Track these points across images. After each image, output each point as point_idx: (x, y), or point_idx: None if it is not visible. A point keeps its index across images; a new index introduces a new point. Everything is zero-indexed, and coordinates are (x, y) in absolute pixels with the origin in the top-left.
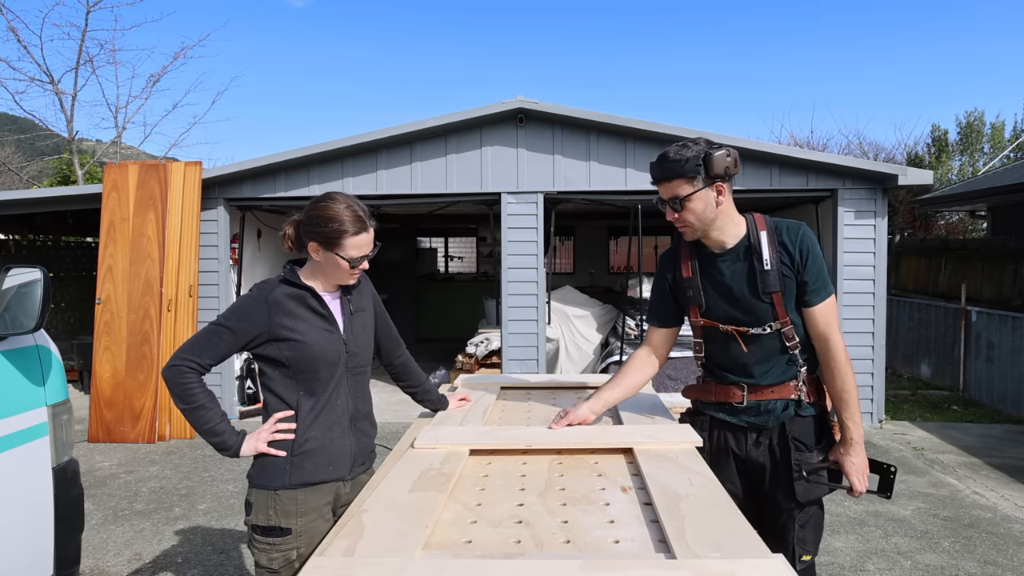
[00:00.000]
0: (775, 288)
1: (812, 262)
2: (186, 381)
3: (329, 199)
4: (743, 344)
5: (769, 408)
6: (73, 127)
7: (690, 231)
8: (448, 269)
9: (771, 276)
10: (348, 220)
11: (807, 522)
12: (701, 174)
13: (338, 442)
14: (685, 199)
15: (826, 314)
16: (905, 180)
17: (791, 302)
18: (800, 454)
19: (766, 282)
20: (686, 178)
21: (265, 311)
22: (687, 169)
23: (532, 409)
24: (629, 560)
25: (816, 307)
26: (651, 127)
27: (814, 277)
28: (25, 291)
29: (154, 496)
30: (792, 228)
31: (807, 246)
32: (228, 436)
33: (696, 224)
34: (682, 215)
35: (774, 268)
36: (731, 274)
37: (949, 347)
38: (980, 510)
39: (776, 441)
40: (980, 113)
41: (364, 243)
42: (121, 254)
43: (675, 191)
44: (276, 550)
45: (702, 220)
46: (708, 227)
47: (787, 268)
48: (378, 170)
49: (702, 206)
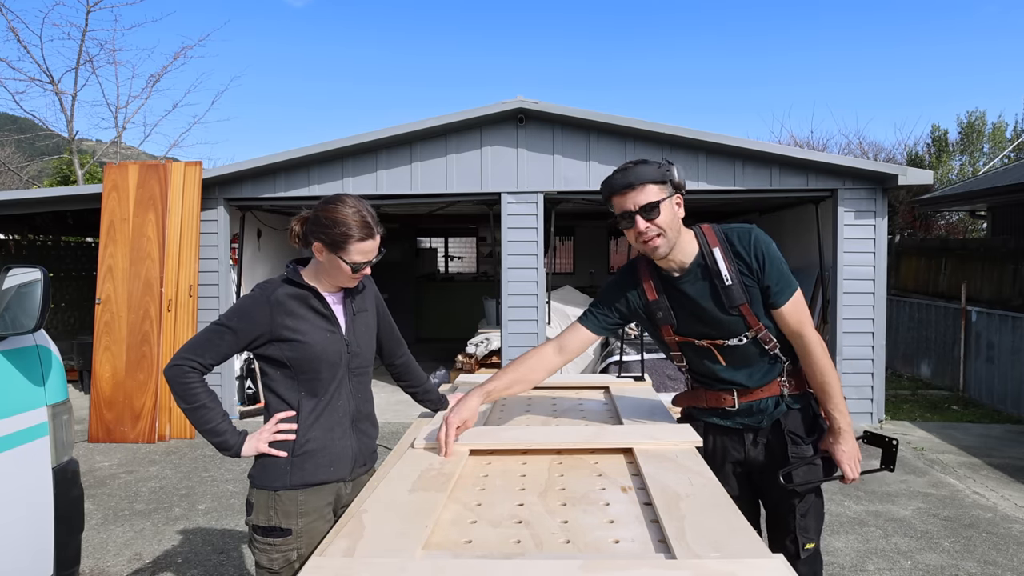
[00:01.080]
0: (741, 301)
1: (770, 265)
2: (188, 381)
3: (339, 201)
4: (721, 357)
5: (761, 407)
6: (73, 127)
7: (663, 243)
8: (448, 269)
9: (734, 290)
10: (355, 225)
11: (808, 511)
12: (668, 180)
13: (339, 443)
14: (659, 203)
15: (795, 312)
16: (905, 180)
17: (760, 308)
18: (796, 447)
19: (730, 297)
20: (657, 183)
21: (267, 311)
22: (658, 174)
23: (532, 409)
24: (629, 560)
25: (783, 307)
26: (651, 127)
27: (775, 279)
28: (25, 291)
29: (154, 496)
30: (743, 234)
31: (761, 251)
32: (229, 436)
33: (668, 233)
34: (656, 222)
35: (735, 282)
36: (695, 294)
37: (949, 347)
38: (980, 510)
39: (773, 438)
40: (981, 113)
41: (369, 249)
42: (121, 254)
43: (648, 196)
44: (276, 551)
45: (672, 230)
46: (676, 237)
47: (747, 278)
48: (378, 170)
49: (671, 215)
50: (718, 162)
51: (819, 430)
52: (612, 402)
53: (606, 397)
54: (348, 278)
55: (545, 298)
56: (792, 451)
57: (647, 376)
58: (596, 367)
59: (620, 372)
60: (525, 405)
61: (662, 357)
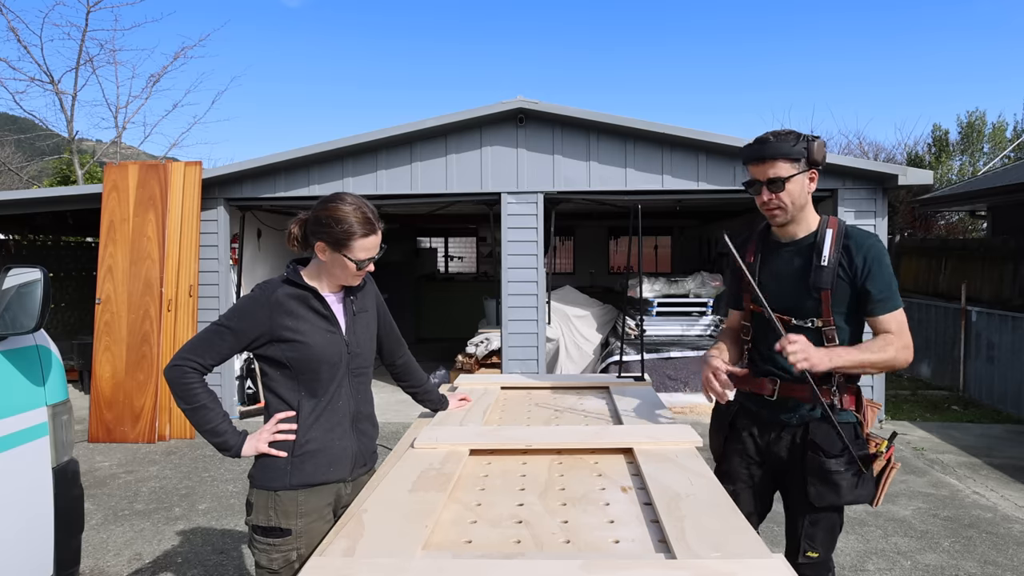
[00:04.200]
0: (825, 286)
1: (877, 272)
2: (188, 381)
3: (338, 199)
4: (784, 333)
5: (795, 406)
6: (73, 127)
7: (781, 214)
8: (448, 269)
9: (825, 273)
10: (357, 222)
11: (818, 521)
12: (804, 157)
13: (339, 443)
14: (787, 180)
15: (890, 325)
16: (905, 180)
17: (840, 305)
18: (817, 457)
19: (819, 278)
20: (790, 159)
21: (267, 312)
22: (793, 151)
23: (532, 409)
24: (629, 560)
25: (880, 317)
26: (651, 127)
27: (879, 288)
28: (25, 291)
29: (154, 496)
30: (863, 235)
31: (873, 256)
32: (230, 436)
33: (789, 207)
34: (780, 196)
35: (830, 266)
36: (790, 263)
37: (949, 347)
38: (980, 510)
39: (798, 440)
40: (982, 113)
41: (372, 245)
42: (121, 254)
43: (778, 171)
44: (276, 551)
45: (795, 204)
46: (798, 212)
47: (844, 271)
48: (378, 170)
49: (798, 189)
50: (718, 162)
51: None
52: (612, 402)
53: (606, 397)
54: (352, 275)
55: (545, 298)
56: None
57: (647, 376)
58: (596, 367)
59: (620, 372)
60: (525, 405)
61: (662, 357)
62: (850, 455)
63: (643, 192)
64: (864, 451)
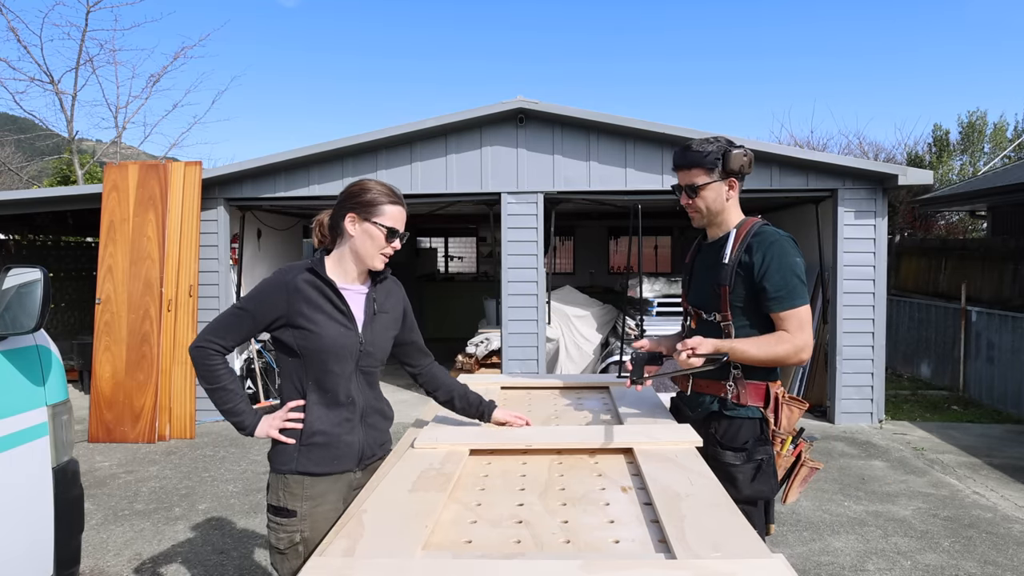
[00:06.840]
0: (724, 282)
1: (776, 270)
2: (212, 363)
3: (362, 180)
4: (696, 328)
5: (701, 401)
6: (73, 127)
7: (698, 217)
8: (448, 269)
9: (725, 270)
10: (383, 192)
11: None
12: (719, 167)
13: (346, 438)
14: (700, 187)
15: (788, 324)
16: (905, 180)
17: (738, 301)
18: (713, 449)
19: (719, 275)
20: (705, 169)
21: (284, 296)
22: (707, 161)
23: (532, 409)
24: (629, 560)
25: (779, 314)
26: (651, 127)
27: (776, 285)
28: (25, 291)
29: (154, 496)
30: (766, 235)
31: (773, 254)
32: (246, 417)
33: (704, 212)
34: (695, 202)
35: (730, 264)
36: (705, 262)
37: (949, 347)
38: (980, 510)
39: (703, 436)
40: (982, 113)
41: (399, 215)
42: (121, 254)
43: (693, 179)
44: (283, 530)
45: (710, 209)
46: (714, 217)
47: (743, 268)
48: (378, 170)
49: (713, 196)
50: None
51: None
52: (612, 402)
53: (606, 397)
54: (380, 249)
55: (545, 298)
56: (707, 451)
57: None
58: (596, 367)
59: (620, 372)
60: (526, 405)
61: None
62: (755, 450)
63: (643, 192)
64: (766, 446)
